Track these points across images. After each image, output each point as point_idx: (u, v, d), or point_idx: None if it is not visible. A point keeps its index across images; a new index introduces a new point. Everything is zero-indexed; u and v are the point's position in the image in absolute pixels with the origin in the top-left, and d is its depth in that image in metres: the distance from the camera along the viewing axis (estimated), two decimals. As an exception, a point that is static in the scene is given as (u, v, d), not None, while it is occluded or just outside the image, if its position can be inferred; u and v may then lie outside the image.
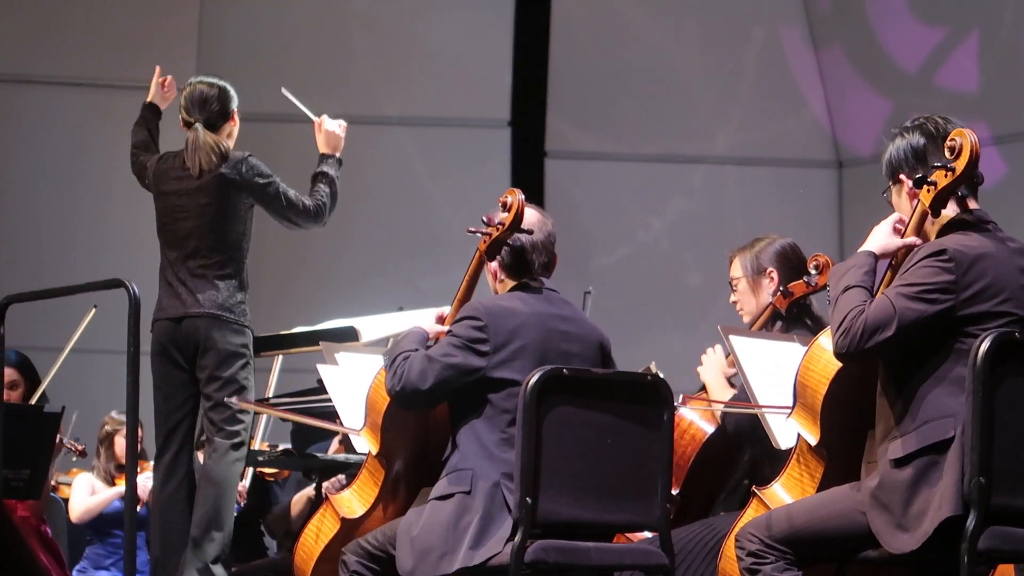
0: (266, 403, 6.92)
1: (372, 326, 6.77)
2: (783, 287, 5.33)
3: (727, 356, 5.24)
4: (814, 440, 4.51)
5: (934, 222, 4.39)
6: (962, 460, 4.16)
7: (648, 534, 5.07)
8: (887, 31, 11.30)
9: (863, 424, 4.45)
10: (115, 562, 8.52)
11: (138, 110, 6.91)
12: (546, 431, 4.61)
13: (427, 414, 5.17)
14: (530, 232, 5.06)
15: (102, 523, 8.51)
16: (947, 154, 4.30)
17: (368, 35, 11.41)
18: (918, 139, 4.42)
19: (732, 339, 5.01)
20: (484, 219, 5.06)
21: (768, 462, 4.99)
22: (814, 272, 5.32)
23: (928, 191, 4.32)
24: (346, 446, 6.69)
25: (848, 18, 11.54)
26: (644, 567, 4.81)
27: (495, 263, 5.12)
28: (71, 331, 7.21)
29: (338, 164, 6.62)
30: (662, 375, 5.23)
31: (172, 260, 6.41)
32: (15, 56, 10.76)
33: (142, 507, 8.08)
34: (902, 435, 4.27)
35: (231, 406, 6.18)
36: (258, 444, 7.12)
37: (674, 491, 5.07)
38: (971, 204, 4.41)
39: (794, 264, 5.38)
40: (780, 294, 5.33)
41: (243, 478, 6.78)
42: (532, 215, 5.09)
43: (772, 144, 11.67)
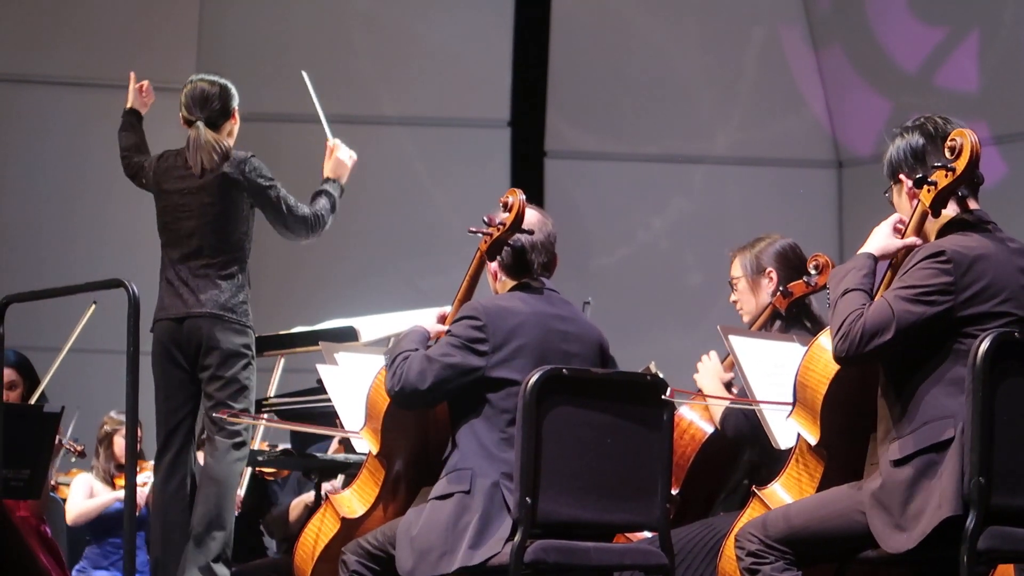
0: (259, 414, 6.92)
1: (372, 326, 6.77)
2: (783, 287, 5.32)
3: (723, 359, 5.24)
4: (814, 440, 4.50)
5: (934, 222, 4.39)
6: (961, 460, 4.16)
7: (648, 534, 5.07)
8: (887, 31, 11.30)
9: (863, 424, 4.45)
10: (114, 562, 8.52)
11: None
12: (546, 431, 4.61)
13: (427, 414, 5.16)
14: (531, 232, 5.06)
15: (100, 525, 8.51)
16: (947, 154, 4.30)
17: (368, 35, 11.41)
18: (918, 139, 4.42)
19: (732, 339, 5.01)
20: (485, 219, 5.06)
21: (768, 462, 4.99)
22: (814, 272, 5.31)
23: (928, 191, 4.32)
24: (346, 446, 6.68)
25: (848, 18, 11.54)
26: (644, 567, 4.81)
27: (495, 263, 5.11)
28: (71, 330, 7.21)
29: (340, 191, 6.61)
30: (662, 375, 5.23)
31: (174, 259, 6.39)
32: (15, 56, 10.75)
33: (142, 508, 8.09)
34: (901, 436, 4.27)
35: (231, 399, 6.19)
36: (257, 444, 7.11)
37: (674, 491, 5.06)
38: (971, 204, 4.41)
39: (794, 264, 5.37)
40: (780, 294, 5.32)
41: (241, 484, 6.76)
42: (533, 215, 5.09)
43: (772, 144, 11.67)
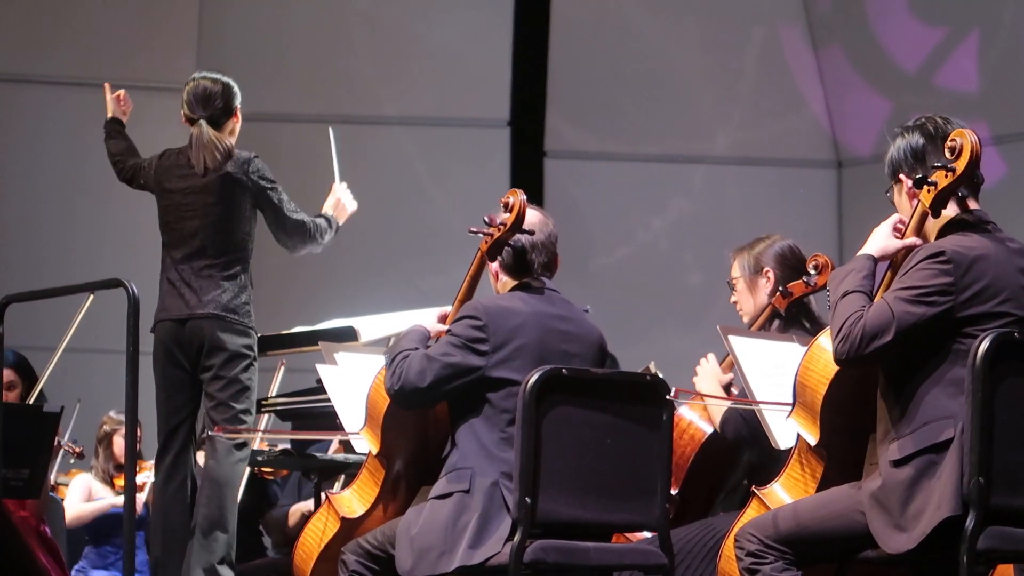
0: (256, 428, 6.92)
1: (371, 326, 6.76)
2: (782, 287, 5.32)
3: (722, 361, 5.24)
4: (814, 440, 4.50)
5: (934, 222, 4.39)
6: (961, 461, 4.16)
7: (647, 534, 5.06)
8: (887, 31, 11.30)
9: (863, 424, 4.45)
10: (113, 562, 8.52)
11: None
12: (545, 431, 4.61)
13: (427, 413, 5.16)
14: (531, 232, 5.05)
15: (98, 525, 8.52)
16: (947, 154, 4.29)
17: (368, 35, 11.40)
18: (918, 139, 4.42)
19: (731, 339, 5.01)
20: (486, 219, 5.06)
21: (767, 462, 4.99)
22: (813, 272, 5.31)
23: (928, 191, 4.32)
24: (346, 446, 6.67)
25: (848, 18, 11.54)
26: (643, 567, 4.81)
27: (496, 263, 5.11)
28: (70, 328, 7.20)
29: (336, 228, 6.58)
30: (662, 375, 5.23)
31: (175, 259, 6.36)
32: (15, 56, 10.75)
33: (141, 508, 8.08)
34: (901, 437, 4.27)
35: (232, 399, 6.18)
36: (257, 443, 7.10)
37: (673, 491, 5.06)
38: (971, 204, 4.41)
39: (792, 264, 5.37)
40: (779, 294, 5.31)
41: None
42: (534, 215, 5.09)
43: (772, 144, 11.67)
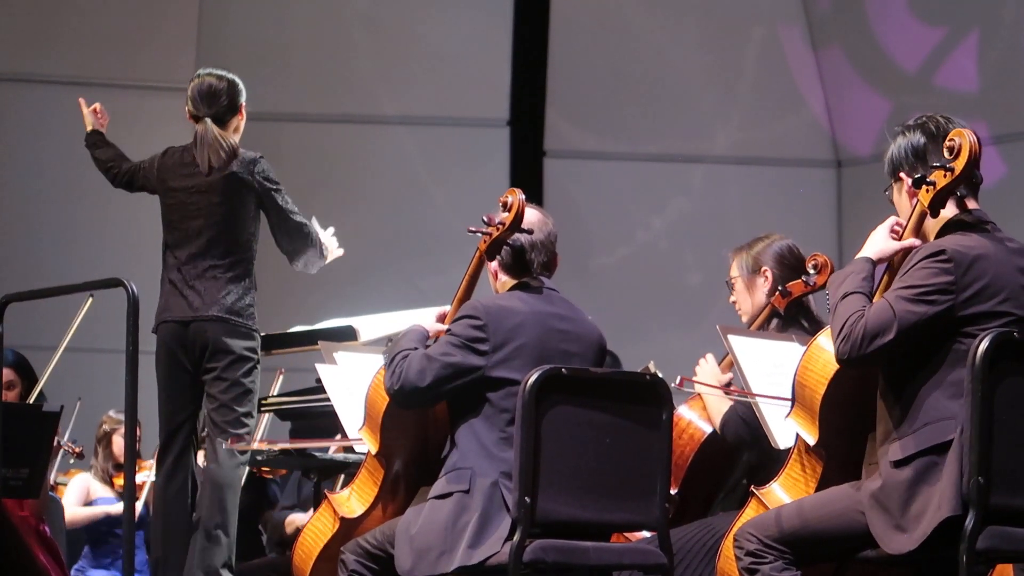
0: (267, 402, 6.91)
1: (371, 325, 6.76)
2: (781, 287, 5.32)
3: (721, 360, 5.24)
4: (813, 440, 4.50)
5: (933, 222, 4.39)
6: (961, 461, 4.16)
7: (647, 534, 5.06)
8: (887, 31, 11.30)
9: (862, 424, 4.45)
10: (112, 561, 8.52)
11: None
12: (545, 430, 4.61)
13: (426, 413, 5.16)
14: (530, 232, 5.05)
15: (97, 525, 8.52)
16: (946, 154, 4.29)
17: (368, 35, 11.40)
18: (919, 138, 4.41)
19: (731, 339, 5.01)
20: (484, 219, 5.05)
21: (766, 462, 4.99)
22: (812, 272, 5.31)
23: (927, 191, 4.31)
24: (346, 448, 6.67)
25: (848, 18, 11.54)
26: (643, 567, 4.81)
27: (495, 263, 5.11)
28: (70, 329, 7.19)
29: (323, 255, 6.54)
30: (661, 375, 5.23)
31: (179, 259, 6.29)
32: (14, 55, 10.75)
33: (140, 508, 8.08)
34: (902, 437, 4.26)
35: (234, 400, 6.15)
36: (256, 443, 7.10)
37: (673, 491, 5.06)
38: (970, 204, 4.40)
39: (791, 264, 5.36)
40: (779, 293, 5.31)
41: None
42: (533, 215, 5.08)
43: (772, 144, 11.67)
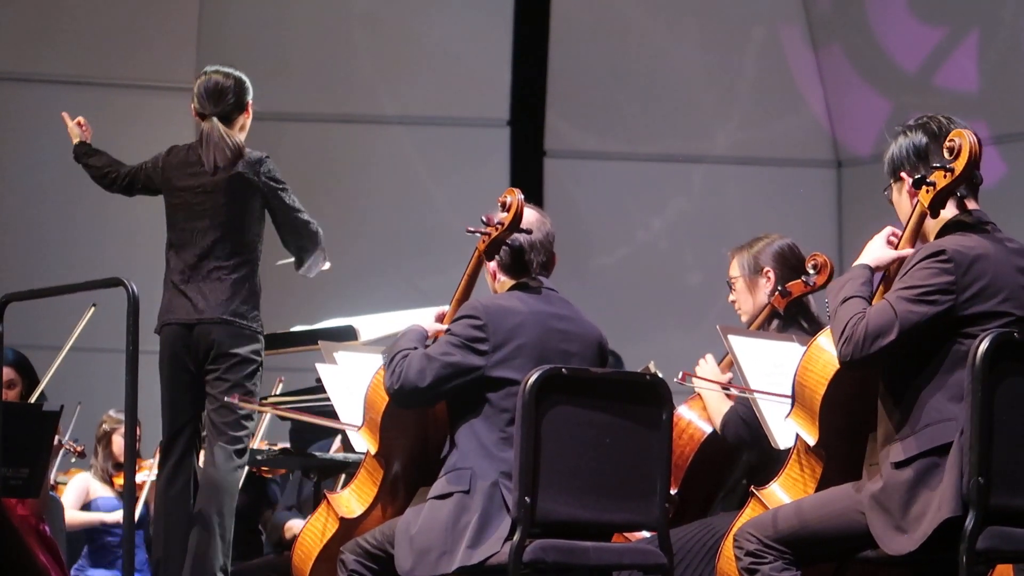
0: (266, 401, 6.89)
1: (371, 325, 6.76)
2: (781, 286, 5.32)
3: (720, 360, 5.24)
4: (813, 440, 4.50)
5: (933, 222, 4.39)
6: (961, 461, 4.15)
7: (647, 534, 5.06)
8: (887, 31, 11.30)
9: (862, 424, 4.45)
10: (112, 561, 8.52)
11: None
12: (545, 430, 4.61)
13: (426, 413, 5.16)
14: (529, 232, 5.05)
15: (95, 528, 8.53)
16: (946, 154, 4.29)
17: (368, 34, 11.41)
18: (920, 138, 4.41)
19: (731, 339, 5.01)
20: (483, 219, 5.05)
21: (766, 462, 4.99)
22: (812, 272, 5.31)
23: (927, 191, 4.31)
24: (346, 447, 6.67)
25: (848, 18, 11.54)
26: (643, 567, 4.81)
27: (494, 263, 5.11)
28: (70, 330, 7.18)
29: (322, 260, 6.46)
30: (661, 375, 5.23)
31: (183, 260, 6.20)
32: (15, 55, 10.75)
33: (141, 508, 8.08)
34: (903, 438, 4.26)
35: (233, 407, 6.08)
36: (257, 443, 7.10)
37: (672, 491, 5.06)
38: (970, 205, 4.40)
39: (792, 264, 5.36)
40: (778, 293, 5.31)
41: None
42: (531, 215, 5.08)
43: (772, 144, 11.67)
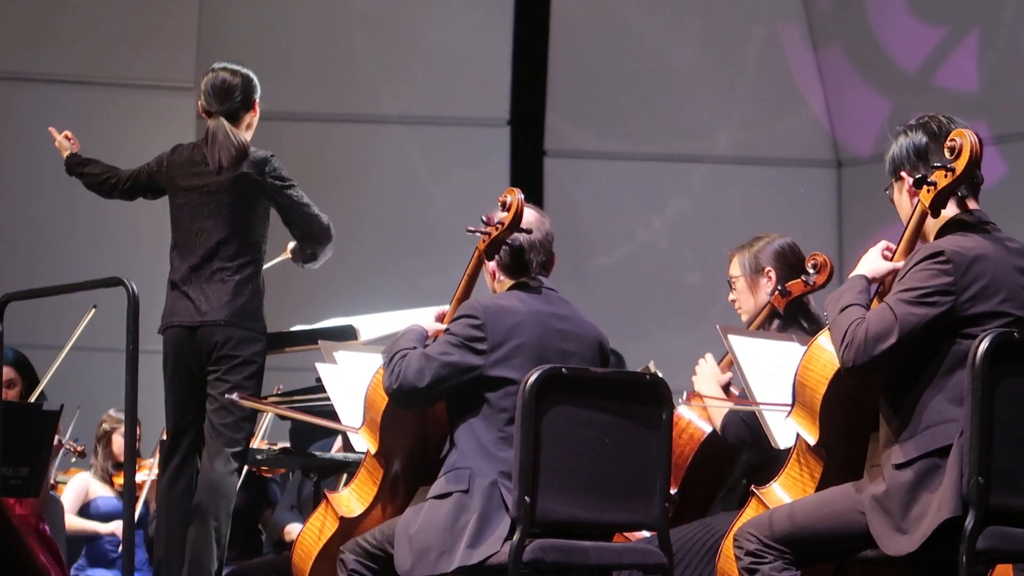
0: (266, 400, 6.88)
1: (371, 325, 6.75)
2: (781, 286, 5.32)
3: (720, 360, 5.23)
4: (813, 440, 4.50)
5: (934, 222, 4.39)
6: (961, 462, 4.15)
7: (646, 533, 5.06)
8: (887, 31, 11.30)
9: (862, 424, 4.45)
10: (112, 560, 8.53)
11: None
12: (545, 430, 4.61)
13: (426, 413, 5.16)
14: (529, 231, 5.05)
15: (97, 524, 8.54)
16: (947, 154, 4.29)
17: (368, 34, 11.41)
18: (920, 138, 4.41)
19: (731, 338, 5.01)
20: (483, 218, 5.05)
21: (766, 462, 4.99)
22: (812, 271, 5.31)
23: (928, 191, 4.31)
24: (346, 447, 6.67)
25: (848, 18, 11.55)
26: (643, 566, 4.81)
27: (494, 262, 5.11)
28: (70, 329, 7.18)
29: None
30: (661, 375, 5.23)
31: (187, 261, 6.16)
32: (14, 54, 10.75)
33: (140, 507, 8.09)
34: (904, 440, 4.25)
35: (233, 409, 6.05)
36: (257, 443, 7.09)
37: (672, 491, 5.06)
38: (971, 204, 4.40)
39: (792, 263, 5.36)
40: (778, 293, 5.31)
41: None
42: (531, 214, 5.08)
43: (772, 144, 11.68)
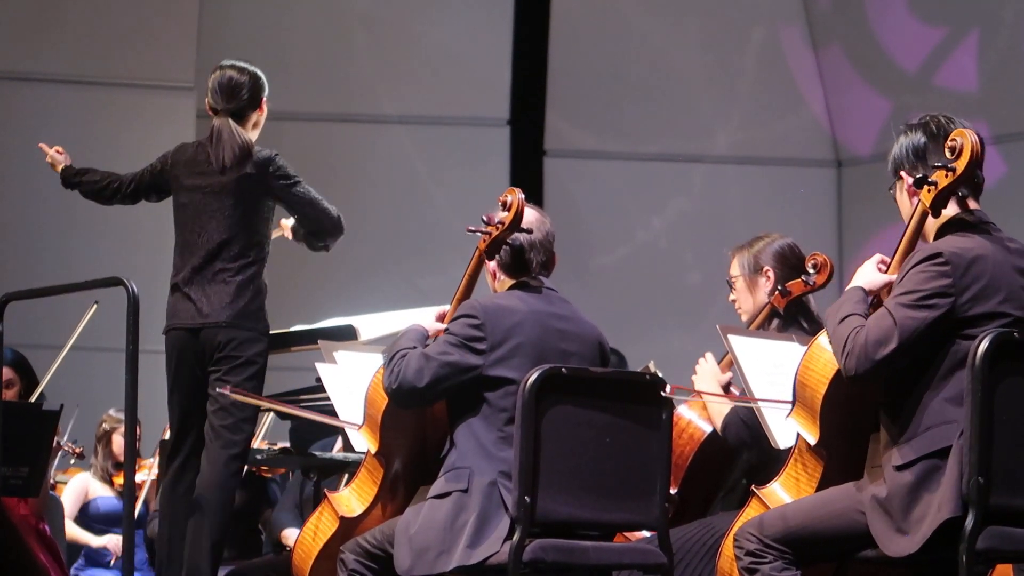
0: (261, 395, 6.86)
1: (371, 324, 6.74)
2: (781, 286, 5.31)
3: (720, 360, 5.23)
4: (813, 440, 4.50)
5: (934, 222, 4.39)
6: (961, 462, 4.15)
7: (646, 533, 5.06)
8: (887, 31, 11.31)
9: (863, 424, 4.44)
10: (111, 562, 8.53)
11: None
12: (545, 430, 4.61)
13: (425, 413, 5.16)
14: (529, 231, 5.05)
15: (96, 524, 8.53)
16: (948, 154, 4.29)
17: (368, 34, 11.41)
18: (920, 137, 4.41)
19: (731, 338, 5.00)
20: (484, 218, 5.05)
21: (766, 462, 4.98)
22: (812, 271, 5.30)
23: (928, 191, 4.31)
24: (346, 447, 6.66)
25: (848, 18, 11.55)
26: (643, 566, 4.81)
27: (494, 262, 5.11)
28: (70, 329, 7.18)
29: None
30: (661, 374, 5.22)
31: (189, 261, 6.10)
32: (14, 54, 10.75)
33: (140, 507, 8.09)
34: (904, 441, 4.25)
35: (234, 405, 6.02)
36: (257, 443, 7.08)
37: (672, 491, 5.06)
38: (971, 204, 4.40)
39: (792, 263, 5.36)
40: (778, 293, 5.31)
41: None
42: (531, 214, 5.08)
43: (772, 143, 11.68)
